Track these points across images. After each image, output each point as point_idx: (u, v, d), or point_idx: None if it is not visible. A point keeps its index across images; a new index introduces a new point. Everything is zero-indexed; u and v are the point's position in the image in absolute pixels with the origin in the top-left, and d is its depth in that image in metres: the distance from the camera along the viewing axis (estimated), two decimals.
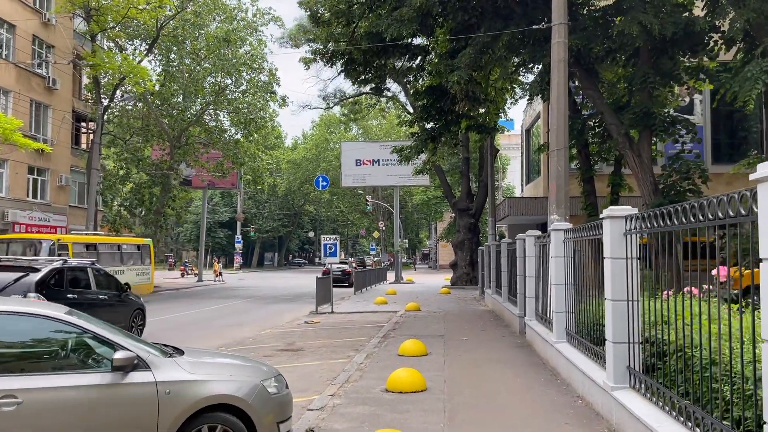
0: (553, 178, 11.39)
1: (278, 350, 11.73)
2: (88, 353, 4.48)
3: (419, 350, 10.38)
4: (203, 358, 5.19)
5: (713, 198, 3.93)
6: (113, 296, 13.33)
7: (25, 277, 10.88)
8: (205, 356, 5.32)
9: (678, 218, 4.43)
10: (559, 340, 8.55)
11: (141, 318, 14.42)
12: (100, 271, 13.60)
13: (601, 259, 6.77)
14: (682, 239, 4.84)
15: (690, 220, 4.22)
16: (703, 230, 4.24)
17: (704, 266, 5.37)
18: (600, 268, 7.00)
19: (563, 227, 8.57)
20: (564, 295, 8.45)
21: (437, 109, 19.37)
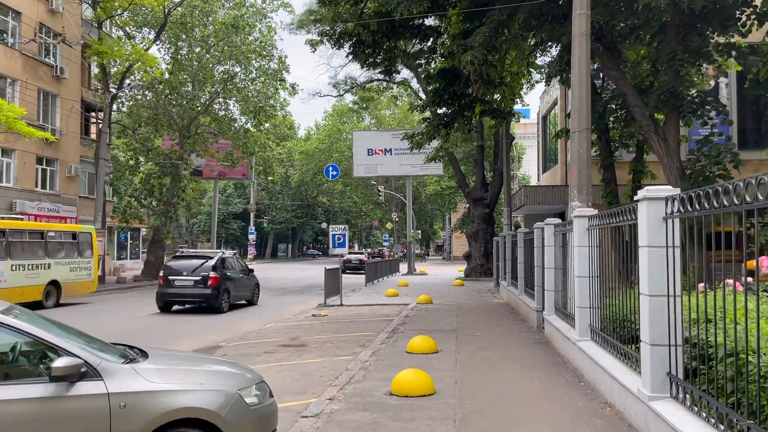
0: (574, 161, 10.55)
1: (280, 345, 11.06)
2: (25, 360, 3.81)
3: (429, 347, 9.65)
4: (170, 362, 4.46)
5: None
6: (244, 274, 19.77)
7: (207, 261, 17.81)
8: (172, 360, 4.59)
9: (738, 197, 3.63)
10: (582, 338, 7.77)
11: (258, 289, 20.68)
12: (239, 258, 21.62)
13: (632, 248, 5.99)
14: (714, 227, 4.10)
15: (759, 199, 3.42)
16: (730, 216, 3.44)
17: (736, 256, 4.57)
18: (632, 259, 6.21)
19: (587, 213, 7.76)
20: (588, 288, 7.66)
21: (450, 94, 18.54)
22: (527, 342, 10.63)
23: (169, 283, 17.63)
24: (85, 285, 21.04)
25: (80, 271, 20.67)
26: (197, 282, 17.28)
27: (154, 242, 34.01)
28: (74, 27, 31.03)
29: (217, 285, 17.29)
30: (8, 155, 28.21)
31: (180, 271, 17.75)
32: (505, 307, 17.18)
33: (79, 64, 32.35)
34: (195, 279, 17.34)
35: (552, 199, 25.77)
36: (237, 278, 18.81)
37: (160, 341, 11.85)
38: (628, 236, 6.97)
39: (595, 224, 7.43)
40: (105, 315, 16.81)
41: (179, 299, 17.71)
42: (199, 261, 17.94)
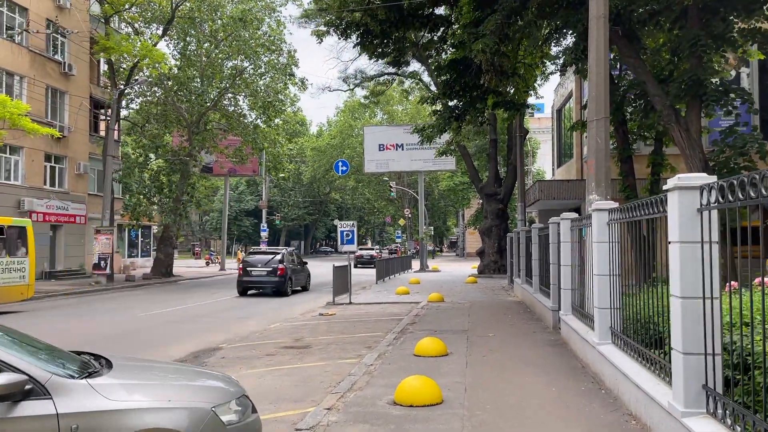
0: (592, 153, 9.94)
1: (283, 347, 10.58)
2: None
3: (438, 349, 9.11)
4: (136, 375, 3.94)
5: None
6: (300, 266, 24.00)
7: (275, 256, 22.34)
8: (139, 372, 4.07)
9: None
10: (602, 341, 7.19)
11: (310, 278, 24.78)
12: (297, 253, 26.22)
13: (656, 244, 5.42)
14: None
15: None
16: None
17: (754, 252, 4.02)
18: (654, 256, 5.64)
19: (607, 206, 7.18)
20: (609, 287, 7.08)
21: (461, 85, 17.93)
22: (543, 344, 10.05)
23: (247, 273, 22.14)
24: (16, 290, 17.46)
25: (9, 273, 17.20)
26: (269, 272, 21.76)
27: (163, 240, 33.75)
28: (82, 23, 30.79)
29: (284, 274, 21.76)
30: (16, 153, 28.02)
31: (255, 263, 22.21)
32: (520, 305, 16.58)
33: (87, 61, 32.12)
34: (267, 270, 21.83)
35: (567, 194, 25.10)
36: (296, 269, 23.15)
37: (158, 343, 11.44)
38: (647, 231, 6.41)
39: (616, 218, 6.85)
40: (105, 314, 16.45)
41: (255, 285, 22.19)
42: (269, 256, 22.57)
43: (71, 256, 31.44)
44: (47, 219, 29.63)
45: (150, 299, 20.81)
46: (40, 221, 29.06)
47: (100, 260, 27.37)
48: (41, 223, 29.13)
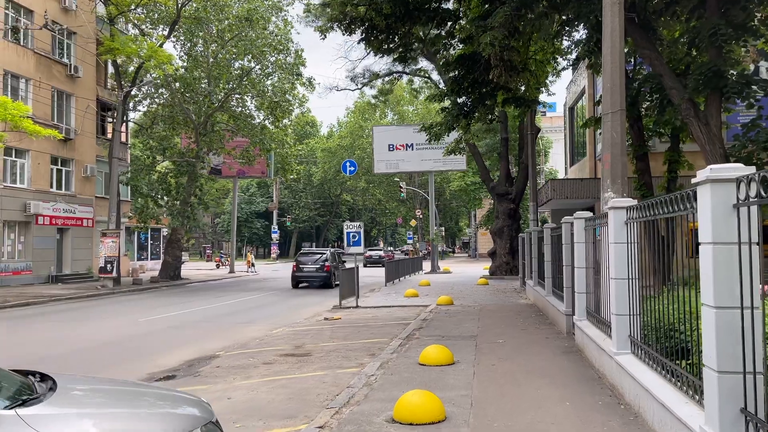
0: (607, 147, 9.36)
1: (282, 355, 10.08)
2: None
3: (444, 358, 8.57)
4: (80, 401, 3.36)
5: None
6: (340, 264, 26.72)
7: (322, 255, 26.53)
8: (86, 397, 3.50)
9: None
10: (620, 350, 6.61)
11: None
12: (339, 253, 28.66)
13: (688, 244, 4.86)
14: None
15: None
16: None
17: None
18: (679, 255, 5.08)
19: (625, 204, 6.60)
20: (627, 292, 6.50)
21: (470, 82, 17.40)
22: (556, 351, 9.47)
23: (300, 269, 26.49)
24: None
25: None
26: (317, 269, 26.09)
27: (171, 242, 33.44)
28: (88, 24, 30.57)
29: (329, 270, 25.82)
30: (22, 156, 27.82)
31: (306, 261, 26.71)
32: (532, 308, 15.98)
33: (94, 63, 31.92)
34: (316, 267, 26.19)
35: (581, 193, 24.45)
36: (338, 266, 26.28)
37: (151, 350, 10.99)
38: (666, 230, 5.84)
39: (635, 217, 6.28)
40: (105, 320, 16.05)
41: (306, 279, 26.27)
42: (317, 255, 27.31)
43: (78, 259, 31.23)
44: (54, 222, 29.42)
45: (154, 303, 20.43)
46: (47, 224, 28.89)
47: (106, 263, 27.08)
48: (47, 227, 28.96)
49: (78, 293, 23.70)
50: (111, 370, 9.25)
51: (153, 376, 8.68)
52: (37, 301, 20.61)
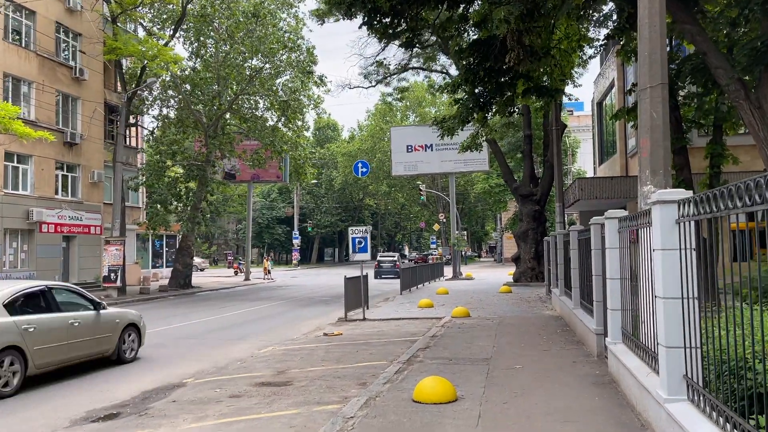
0: (645, 130, 7.61)
1: (257, 384, 8.51)
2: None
3: (443, 393, 6.90)
4: None
5: None
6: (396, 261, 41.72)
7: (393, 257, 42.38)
8: None
9: None
10: (673, 396, 4.88)
11: None
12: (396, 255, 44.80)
13: None
14: None
15: None
16: None
17: None
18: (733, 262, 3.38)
19: (676, 197, 4.88)
20: (682, 316, 4.78)
21: (486, 70, 15.69)
22: (584, 382, 7.72)
23: (380, 266, 39.43)
24: None
25: None
26: (391, 266, 38.72)
27: (181, 250, 32.30)
28: (93, 26, 29.61)
29: (399, 267, 34.38)
30: (24, 161, 26.88)
31: (384, 261, 40.48)
32: (558, 321, 14.18)
33: (101, 65, 30.90)
34: (390, 265, 39.14)
35: (611, 193, 22.55)
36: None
37: (113, 376, 9.52)
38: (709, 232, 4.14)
39: (691, 214, 4.55)
40: None
41: (384, 274, 38.05)
42: (390, 257, 41.70)
43: (86, 268, 30.18)
44: (59, 230, 28.42)
45: (152, 316, 19.04)
46: (51, 232, 27.90)
47: (110, 272, 26.01)
48: (52, 235, 27.97)
49: None
50: (48, 403, 7.80)
51: (90, 416, 7.19)
52: None
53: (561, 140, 25.69)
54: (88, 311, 9.76)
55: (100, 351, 10.07)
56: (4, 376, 8.12)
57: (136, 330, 11.02)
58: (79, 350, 9.49)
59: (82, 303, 9.85)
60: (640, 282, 6.57)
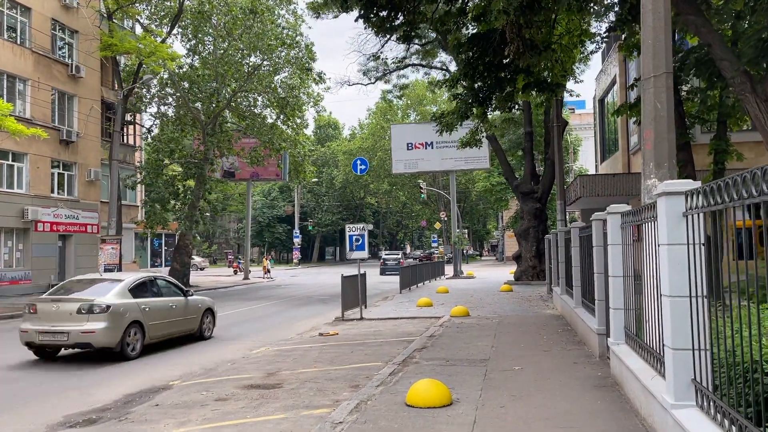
0: (649, 121, 7.27)
1: (245, 387, 8.20)
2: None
3: (438, 397, 6.57)
4: None
5: None
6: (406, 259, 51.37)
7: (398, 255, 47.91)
8: None
9: None
10: (680, 402, 4.55)
11: None
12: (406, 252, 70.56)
13: None
14: None
15: None
16: None
17: None
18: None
19: (683, 188, 4.55)
20: (690, 316, 4.46)
21: (485, 64, 15.36)
22: (586, 385, 7.39)
23: (385, 263, 42.04)
24: None
25: None
26: (395, 264, 39.17)
27: (178, 248, 31.99)
28: (90, 23, 29.30)
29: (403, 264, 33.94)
30: (19, 159, 26.61)
31: (389, 259, 43.15)
32: (559, 321, 13.85)
33: (98, 63, 30.59)
34: (395, 262, 40.56)
35: (613, 190, 22.24)
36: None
37: (96, 379, 9.22)
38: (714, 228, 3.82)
39: (700, 206, 4.23)
40: None
41: (388, 271, 38.61)
42: (394, 255, 45.21)
43: (83, 267, 29.85)
44: (55, 229, 28.16)
45: None
46: (47, 231, 27.64)
47: (106, 271, 25.63)
48: (48, 233, 27.71)
49: None
50: (27, 406, 7.50)
51: (68, 420, 6.88)
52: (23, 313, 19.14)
53: (562, 137, 25.35)
54: (179, 297, 12.45)
55: (188, 329, 12.71)
56: (131, 343, 10.87)
57: (212, 314, 13.72)
58: (176, 327, 12.23)
59: (174, 290, 12.58)
60: (644, 280, 6.25)
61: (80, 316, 10.31)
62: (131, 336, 10.81)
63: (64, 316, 10.34)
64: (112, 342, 10.44)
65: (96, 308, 10.32)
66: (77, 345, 10.41)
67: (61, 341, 10.32)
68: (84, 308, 10.34)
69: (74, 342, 10.31)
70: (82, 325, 10.24)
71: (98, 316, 10.30)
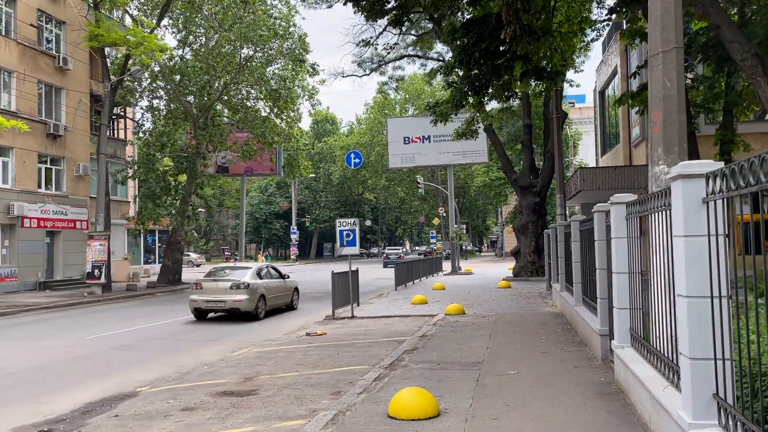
0: (657, 102, 6.59)
1: (218, 393, 7.54)
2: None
3: (424, 407, 5.91)
4: None
5: None
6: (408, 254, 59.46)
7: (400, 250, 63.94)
8: None
9: None
10: (700, 420, 3.88)
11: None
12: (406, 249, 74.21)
13: None
14: None
15: None
16: None
17: None
18: None
19: (701, 170, 3.88)
20: (712, 321, 3.78)
21: (482, 51, 14.66)
22: (588, 392, 6.73)
23: (388, 258, 49.23)
24: None
25: None
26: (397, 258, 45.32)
27: (170, 245, 31.29)
28: (78, 13, 28.53)
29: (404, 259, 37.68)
30: (5, 154, 25.91)
31: (390, 253, 53.50)
32: (558, 319, 13.19)
33: (86, 55, 29.88)
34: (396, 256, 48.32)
35: (615, 183, 21.55)
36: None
37: (57, 385, 8.56)
38: None
39: (723, 190, 3.55)
40: (46, 338, 13.70)
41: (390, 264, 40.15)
42: (395, 250, 58.77)
43: (72, 264, 29.24)
44: (43, 225, 27.48)
45: (132, 314, 18.16)
46: (34, 227, 26.96)
47: (93, 268, 25.02)
48: (35, 230, 27.03)
49: (59, 302, 21.60)
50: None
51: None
52: (5, 311, 18.52)
53: (562, 129, 24.66)
54: (280, 279, 17.52)
55: (285, 302, 17.82)
56: (261, 308, 15.83)
57: (297, 292, 18.89)
58: (280, 300, 17.35)
59: (277, 275, 17.52)
60: (652, 276, 5.59)
61: (231, 291, 15.44)
62: (260, 304, 15.74)
63: (221, 290, 15.56)
64: (251, 308, 15.48)
65: (242, 285, 15.42)
66: (230, 310, 15.46)
67: (220, 307, 15.55)
68: (234, 285, 15.43)
69: (228, 307, 15.42)
70: (233, 297, 15.38)
71: (242, 291, 15.32)
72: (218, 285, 15.61)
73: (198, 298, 15.62)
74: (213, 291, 15.56)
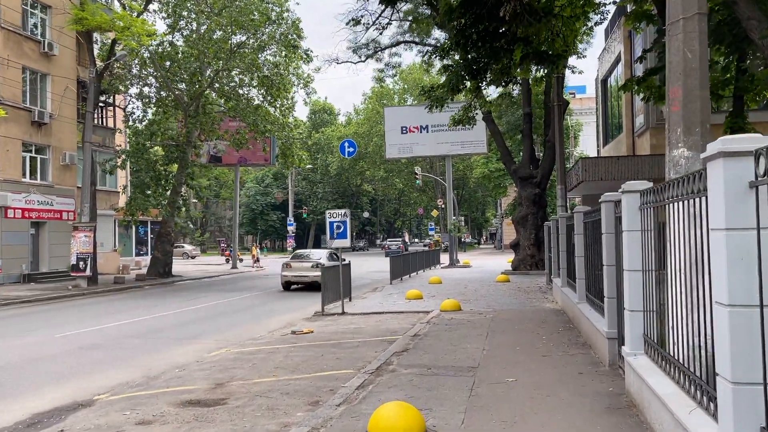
0: (677, 76, 5.78)
1: (182, 403, 6.76)
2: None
3: (406, 426, 5.12)
4: None
5: None
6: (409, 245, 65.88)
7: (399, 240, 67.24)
8: None
9: None
10: None
11: None
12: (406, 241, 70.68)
13: None
14: None
15: None
16: None
17: None
18: None
19: (748, 146, 3.08)
20: (761, 335, 3.00)
21: (479, 33, 13.85)
22: (595, 404, 5.95)
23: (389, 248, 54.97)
24: None
25: None
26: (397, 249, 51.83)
27: (160, 236, 30.51)
28: None
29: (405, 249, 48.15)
30: None
31: (391, 244, 59.28)
32: (559, 317, 12.43)
33: (73, 41, 28.96)
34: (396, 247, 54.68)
35: (618, 174, 20.74)
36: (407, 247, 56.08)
37: (7, 392, 7.77)
38: None
39: None
40: (15, 336, 12.97)
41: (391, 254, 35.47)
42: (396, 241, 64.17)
43: (57, 256, 28.41)
44: (27, 215, 26.66)
45: (114, 308, 17.39)
46: (18, 218, 26.14)
47: (78, 261, 24.22)
48: (19, 220, 26.21)
49: (42, 295, 20.84)
50: None
51: None
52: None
53: (563, 118, 23.82)
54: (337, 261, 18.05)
55: None
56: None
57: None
58: None
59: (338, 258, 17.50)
60: (670, 275, 4.81)
61: (313, 269, 19.81)
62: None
63: (305, 268, 20.46)
64: None
65: (320, 264, 18.67)
66: (312, 284, 19.53)
67: (304, 281, 20.49)
68: (315, 265, 19.70)
69: (310, 281, 19.78)
70: (315, 273, 19.24)
71: (321, 269, 16.71)
72: (302, 264, 20.82)
73: (288, 273, 20.77)
74: (299, 269, 20.73)
